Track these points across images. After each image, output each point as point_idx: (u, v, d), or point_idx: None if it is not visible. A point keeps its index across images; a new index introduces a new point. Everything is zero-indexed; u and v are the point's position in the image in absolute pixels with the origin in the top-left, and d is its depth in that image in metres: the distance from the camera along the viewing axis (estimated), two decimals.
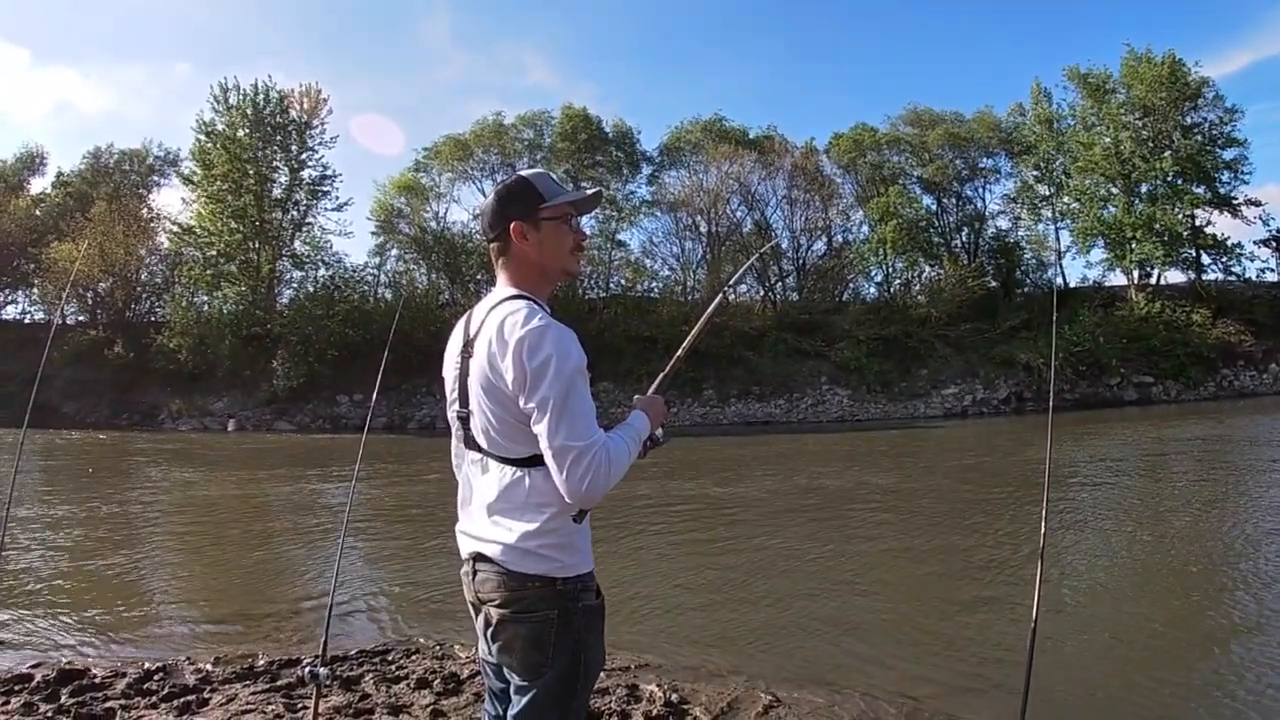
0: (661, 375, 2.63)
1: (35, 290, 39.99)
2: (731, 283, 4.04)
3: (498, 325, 2.22)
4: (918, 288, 39.91)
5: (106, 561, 9.67)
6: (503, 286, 2.39)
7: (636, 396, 2.54)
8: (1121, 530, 10.63)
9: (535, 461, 2.22)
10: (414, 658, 5.85)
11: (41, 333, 35.33)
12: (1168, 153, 36.70)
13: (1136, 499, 13.28)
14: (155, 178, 44.82)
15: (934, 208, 42.03)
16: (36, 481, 16.98)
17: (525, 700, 2.27)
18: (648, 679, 5.31)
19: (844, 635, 6.53)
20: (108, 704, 4.92)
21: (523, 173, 2.46)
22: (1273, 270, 38.87)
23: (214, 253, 36.49)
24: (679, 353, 2.69)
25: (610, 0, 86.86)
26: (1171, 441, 20.65)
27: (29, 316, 41.44)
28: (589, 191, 2.40)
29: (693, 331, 2.75)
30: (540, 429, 2.14)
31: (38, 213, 42.00)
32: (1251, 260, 38.41)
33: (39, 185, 45.67)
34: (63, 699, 5.00)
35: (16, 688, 5.16)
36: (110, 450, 23.73)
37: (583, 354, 2.20)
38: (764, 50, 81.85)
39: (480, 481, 2.36)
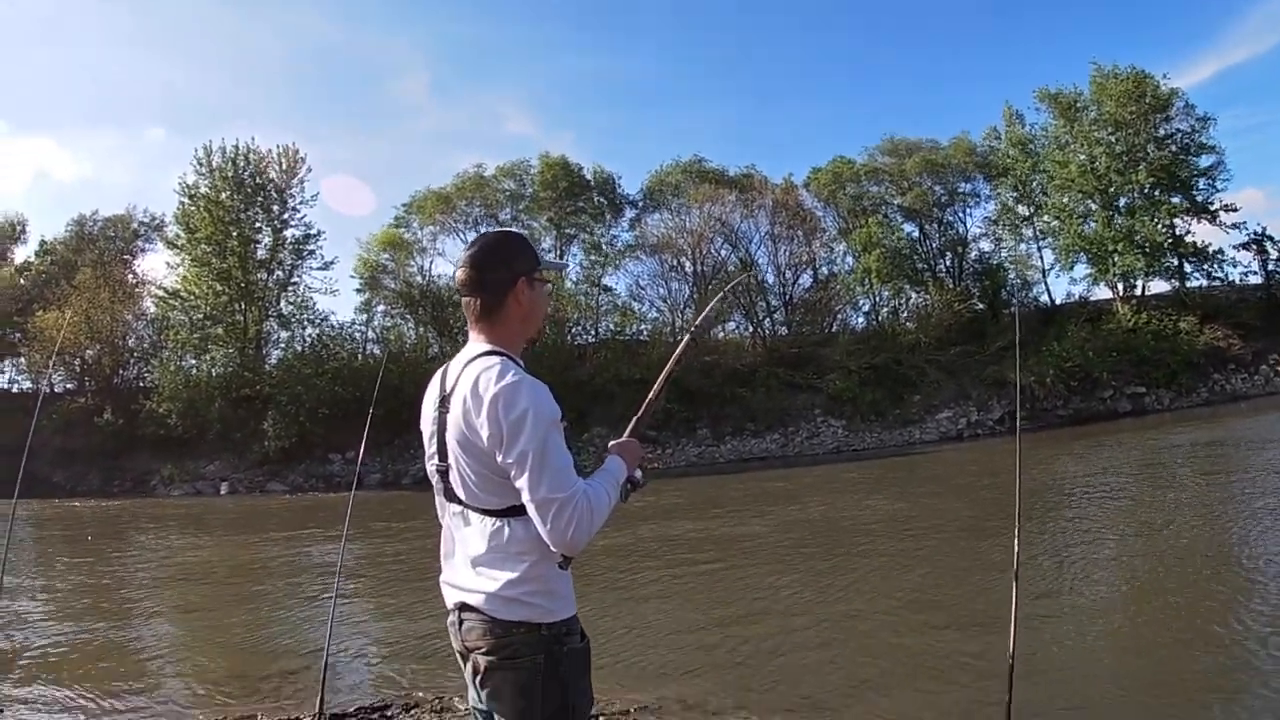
0: (635, 419, 2.67)
1: (22, 359, 39.78)
2: (698, 321, 4.08)
3: (472, 382, 2.27)
4: (905, 314, 40.00)
5: (104, 628, 9.64)
6: (477, 342, 2.43)
7: (611, 442, 2.58)
8: (1114, 545, 10.67)
9: (515, 512, 2.26)
10: (413, 712, 5.84)
11: (29, 402, 35.12)
12: (1142, 165, 36.87)
13: (1131, 512, 13.31)
14: (140, 243, 44.82)
15: (916, 235, 42.23)
16: (30, 551, 16.92)
17: None
18: None
19: (842, 667, 6.53)
20: None
21: (508, 230, 2.52)
22: (1255, 273, 39.06)
23: (200, 316, 36.43)
24: (650, 395, 2.73)
25: (584, 49, 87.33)
26: (1167, 450, 20.70)
27: (16, 386, 41.14)
28: (563, 264, 2.45)
29: (664, 372, 2.78)
30: (522, 483, 2.18)
31: (22, 281, 41.91)
32: (1234, 266, 38.62)
33: (21, 254, 45.63)
34: None
35: None
36: (103, 518, 23.61)
37: (556, 407, 2.24)
38: (737, 90, 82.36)
39: (462, 533, 2.40)
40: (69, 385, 38.08)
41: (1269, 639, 6.25)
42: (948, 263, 42.20)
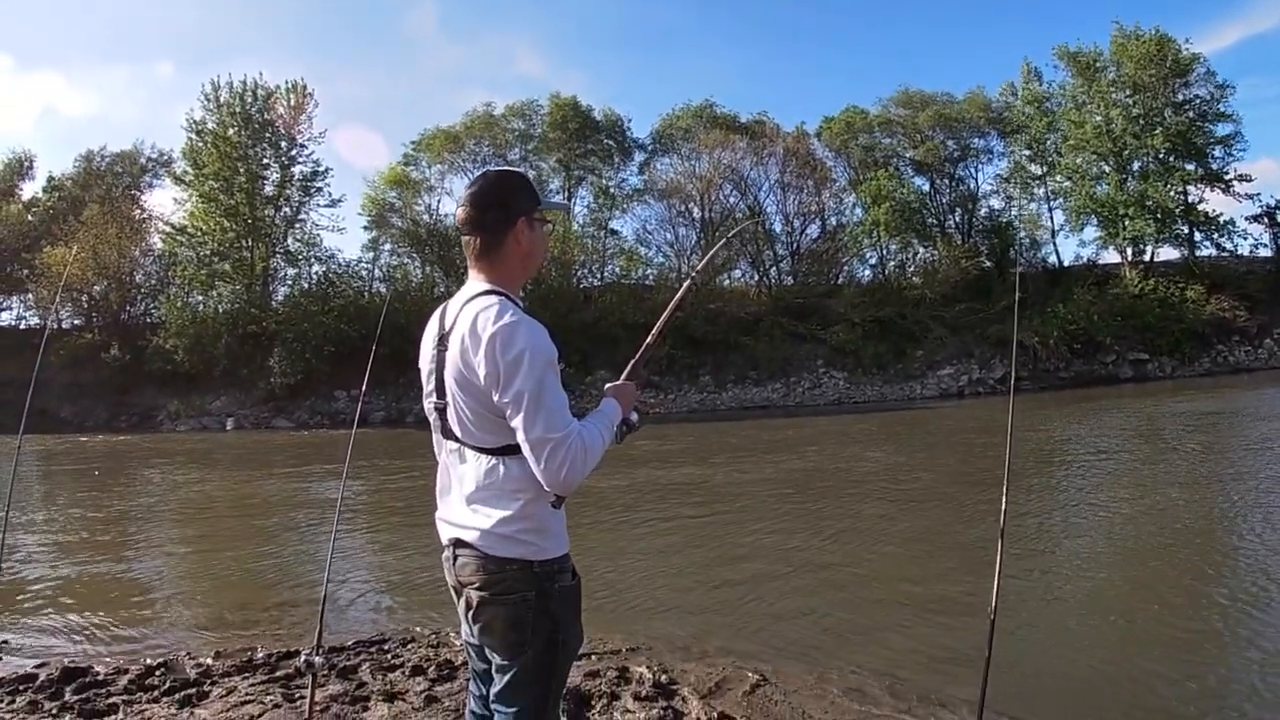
0: (631, 363, 2.69)
1: (30, 295, 39.90)
2: (699, 267, 4.10)
3: (471, 321, 2.29)
4: (912, 269, 39.90)
5: (108, 561, 9.75)
6: (476, 281, 2.44)
7: (607, 385, 2.61)
8: (1107, 508, 10.74)
9: (510, 450, 2.30)
10: (409, 646, 5.93)
11: (37, 338, 35.18)
12: (1159, 129, 36.61)
13: (1126, 476, 13.37)
14: (147, 178, 44.63)
15: (927, 189, 41.97)
16: (36, 486, 17.06)
17: (506, 679, 2.36)
18: (638, 661, 5.40)
19: (832, 615, 6.62)
20: (110, 700, 5.00)
21: (509, 169, 2.53)
22: (1265, 245, 38.91)
23: (208, 252, 36.47)
24: (647, 340, 2.75)
25: None
26: (1167, 417, 20.73)
27: (24, 322, 41.42)
28: (565, 204, 2.45)
29: (662, 318, 2.81)
30: (517, 422, 2.20)
31: (30, 217, 41.82)
32: (1245, 238, 38.46)
33: (30, 190, 45.46)
34: (66, 696, 5.07)
35: (21, 687, 5.23)
36: (110, 453, 23.78)
37: (553, 348, 2.26)
38: (753, 34, 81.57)
39: (458, 470, 2.44)
40: (76, 321, 38.23)
41: (1243, 610, 6.34)
42: (957, 219, 42.03)
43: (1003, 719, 4.46)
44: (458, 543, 2.40)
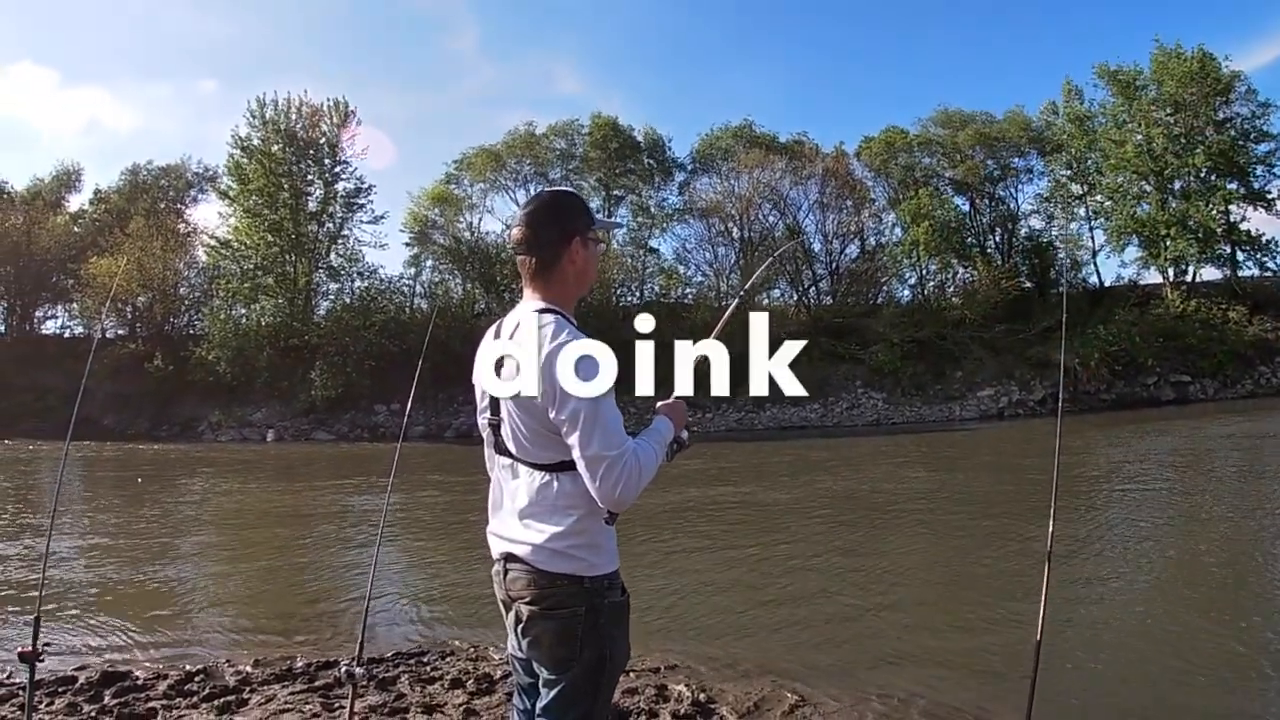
0: None
1: (75, 305, 40.50)
2: (746, 287, 4.11)
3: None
4: (951, 289, 39.48)
5: (149, 568, 9.86)
6: (532, 300, 2.47)
7: (659, 403, 2.63)
8: (1153, 533, 10.61)
9: (564, 467, 2.32)
10: (449, 659, 5.96)
11: (82, 347, 35.72)
12: (1200, 148, 36.14)
13: (1172, 501, 13.20)
14: (192, 193, 45.07)
15: (966, 209, 41.60)
16: (80, 492, 17.30)
17: (554, 693, 2.37)
18: (676, 679, 5.39)
19: (873, 637, 6.59)
20: (149, 704, 5.07)
21: (563, 189, 2.57)
22: None
23: (251, 266, 36.82)
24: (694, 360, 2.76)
25: (636, 9, 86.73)
26: (1211, 440, 20.46)
27: (69, 331, 41.93)
28: (617, 223, 2.46)
29: (710, 338, 2.81)
30: (573, 440, 2.23)
31: (76, 229, 42.37)
32: None
33: (76, 202, 45.90)
34: (106, 699, 5.14)
35: (61, 689, 5.31)
36: (152, 461, 24.06)
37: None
38: (792, 54, 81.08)
39: (511, 485, 2.46)
40: (120, 331, 38.58)
41: None
42: (997, 239, 41.60)
43: None
44: (509, 557, 2.42)
